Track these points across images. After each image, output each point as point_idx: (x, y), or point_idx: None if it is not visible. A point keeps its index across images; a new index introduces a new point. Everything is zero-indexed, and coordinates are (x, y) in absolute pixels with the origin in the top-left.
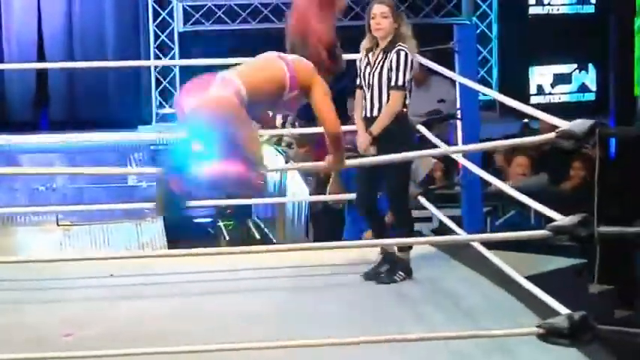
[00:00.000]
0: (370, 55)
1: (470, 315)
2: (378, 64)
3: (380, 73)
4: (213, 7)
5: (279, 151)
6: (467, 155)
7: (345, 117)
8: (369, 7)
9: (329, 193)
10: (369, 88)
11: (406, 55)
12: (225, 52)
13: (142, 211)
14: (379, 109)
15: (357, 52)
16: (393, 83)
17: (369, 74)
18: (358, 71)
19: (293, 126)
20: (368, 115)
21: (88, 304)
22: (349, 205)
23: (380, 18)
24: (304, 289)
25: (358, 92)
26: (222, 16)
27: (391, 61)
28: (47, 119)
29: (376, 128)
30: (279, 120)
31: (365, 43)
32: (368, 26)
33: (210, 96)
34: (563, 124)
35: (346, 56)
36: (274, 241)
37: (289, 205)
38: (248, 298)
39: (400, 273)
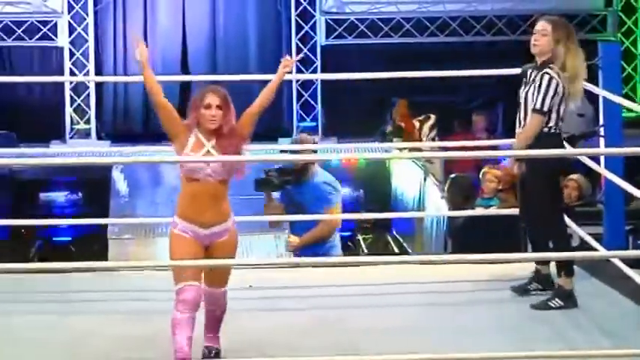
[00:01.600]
0: (529, 71)
1: (611, 334)
2: (531, 82)
3: (527, 92)
4: (356, 21)
5: (418, 165)
6: (610, 171)
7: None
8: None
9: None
10: (519, 106)
11: (550, 79)
12: (367, 67)
13: (282, 223)
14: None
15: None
16: (533, 106)
17: (522, 91)
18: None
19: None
20: (518, 131)
21: (227, 315)
22: None
23: (539, 35)
24: (443, 304)
25: (535, 117)
26: (365, 30)
27: (539, 83)
28: None
29: (515, 147)
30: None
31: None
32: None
33: None
34: None
35: (500, 71)
36: (412, 255)
37: (428, 220)
38: (385, 312)
39: (557, 300)
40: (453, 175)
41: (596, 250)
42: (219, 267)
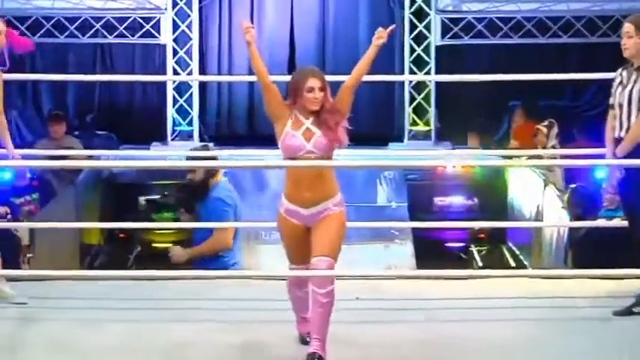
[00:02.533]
0: (624, 73)
1: None
2: (630, 83)
3: (630, 92)
4: (473, 20)
5: (537, 173)
6: None
7: (600, 138)
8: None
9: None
10: (619, 108)
11: None
12: (483, 68)
13: (391, 232)
14: (627, 130)
15: (597, 70)
16: None
17: (620, 94)
18: (612, 90)
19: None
20: (616, 135)
21: (333, 327)
22: None
23: (625, 38)
24: (556, 320)
25: (610, 112)
26: (482, 29)
27: None
28: None
29: (621, 149)
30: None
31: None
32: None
33: None
34: None
35: (595, 75)
36: (529, 268)
37: (547, 231)
38: (496, 327)
39: None
40: (574, 185)
41: None
42: (327, 231)
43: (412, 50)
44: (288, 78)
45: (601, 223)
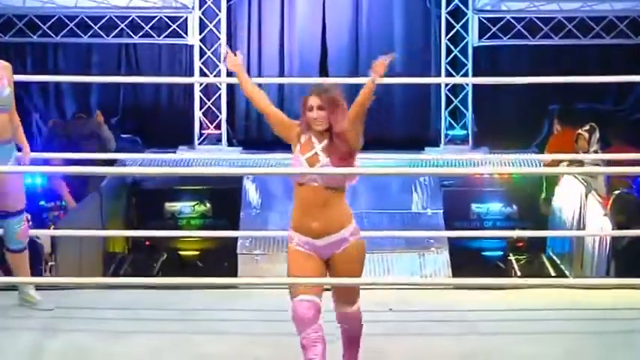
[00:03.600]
0: None
1: None
2: None
3: None
4: (512, 20)
5: (579, 180)
6: None
7: None
8: None
9: None
10: None
11: None
12: (523, 70)
13: (426, 240)
14: None
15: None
16: None
17: None
18: None
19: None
20: None
21: (365, 339)
22: None
23: None
24: (598, 333)
25: None
26: (522, 30)
27: None
28: None
29: None
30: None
31: None
32: None
33: None
34: None
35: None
36: (570, 278)
37: (588, 240)
38: (536, 340)
39: None
40: (617, 192)
41: None
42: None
43: (449, 51)
44: (319, 80)
45: None
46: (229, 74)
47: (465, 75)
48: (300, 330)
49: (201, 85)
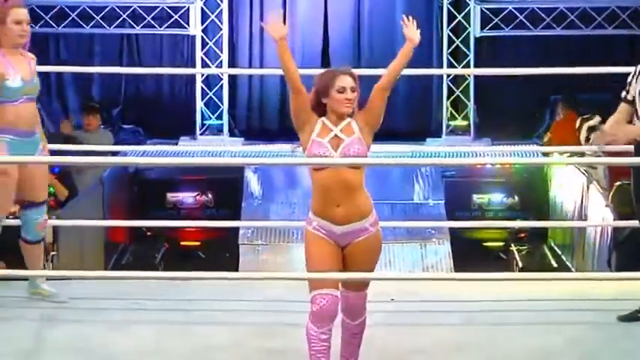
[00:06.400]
0: None
1: None
2: None
3: None
4: (514, 11)
5: (581, 170)
6: None
7: None
8: None
9: None
10: None
11: None
12: (525, 61)
13: (428, 231)
14: None
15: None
16: None
17: None
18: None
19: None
20: None
21: (366, 330)
22: None
23: None
24: (600, 324)
25: (622, 105)
26: (524, 20)
27: None
28: None
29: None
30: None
31: None
32: None
33: None
34: None
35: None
36: (572, 269)
37: (590, 231)
38: (538, 331)
39: None
40: (619, 182)
41: None
42: (360, 269)
43: (450, 42)
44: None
45: None
46: (231, 64)
47: (467, 66)
48: (316, 324)
49: (202, 75)
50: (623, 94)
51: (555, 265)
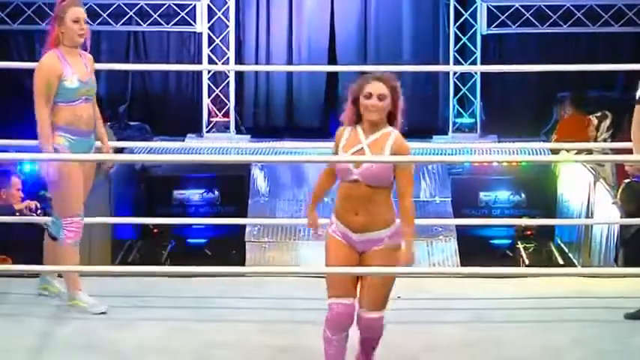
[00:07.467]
0: None
1: None
2: None
3: None
4: (521, 8)
5: (588, 168)
6: None
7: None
8: None
9: None
10: None
11: None
12: (531, 58)
13: (435, 228)
14: None
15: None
16: None
17: None
18: None
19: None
20: None
21: None
22: None
23: None
24: (607, 322)
25: (637, 108)
26: (531, 18)
27: None
28: (336, 124)
29: None
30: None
31: None
32: None
33: None
34: None
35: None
36: (578, 267)
37: (597, 229)
38: (545, 328)
39: None
40: (627, 181)
41: None
42: (374, 281)
43: (457, 39)
44: (327, 68)
45: None
46: (238, 61)
47: (474, 63)
48: (330, 330)
49: (209, 72)
50: (638, 94)
51: (562, 262)
